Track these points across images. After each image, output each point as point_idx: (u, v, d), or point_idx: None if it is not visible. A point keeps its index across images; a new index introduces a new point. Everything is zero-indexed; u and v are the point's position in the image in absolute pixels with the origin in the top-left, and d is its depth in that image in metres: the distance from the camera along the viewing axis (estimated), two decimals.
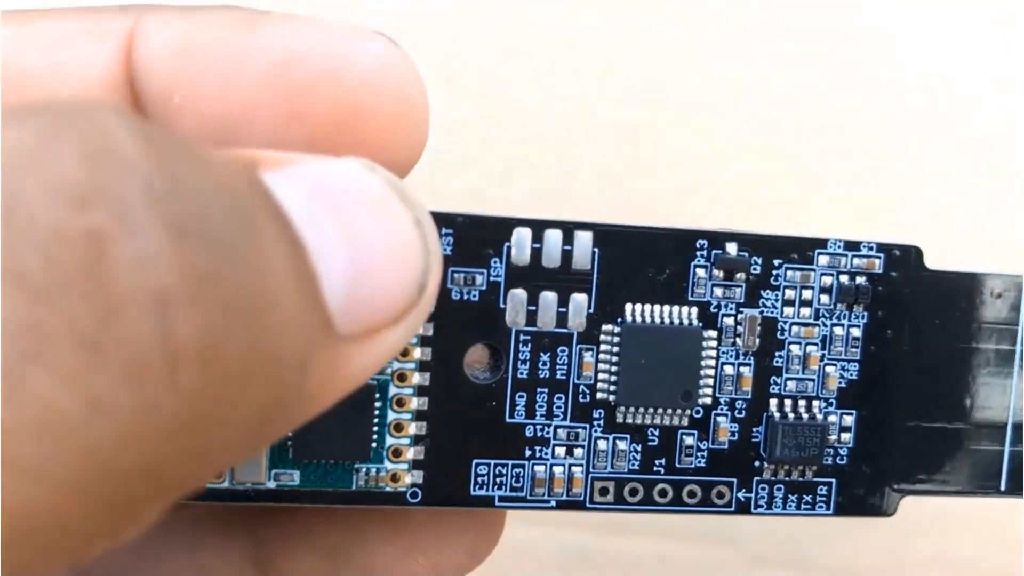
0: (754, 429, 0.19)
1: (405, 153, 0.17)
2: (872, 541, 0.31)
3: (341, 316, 0.13)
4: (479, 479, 0.18)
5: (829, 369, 0.19)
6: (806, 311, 0.19)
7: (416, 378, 0.18)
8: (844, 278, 0.19)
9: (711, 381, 0.19)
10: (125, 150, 0.11)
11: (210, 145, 0.13)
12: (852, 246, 0.19)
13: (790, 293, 0.19)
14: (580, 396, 0.18)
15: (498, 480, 0.18)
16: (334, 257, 0.13)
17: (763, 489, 0.19)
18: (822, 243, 0.19)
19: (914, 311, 0.19)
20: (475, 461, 0.18)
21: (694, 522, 0.30)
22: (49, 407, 0.10)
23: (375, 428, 0.18)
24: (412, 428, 0.18)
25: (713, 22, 0.31)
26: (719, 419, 0.19)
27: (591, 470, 0.18)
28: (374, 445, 0.18)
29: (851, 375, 0.19)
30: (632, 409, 0.18)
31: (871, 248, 0.19)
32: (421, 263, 0.14)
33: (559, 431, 0.18)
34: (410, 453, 0.18)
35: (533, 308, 0.18)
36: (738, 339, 0.19)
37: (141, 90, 0.16)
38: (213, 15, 0.16)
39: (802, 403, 0.19)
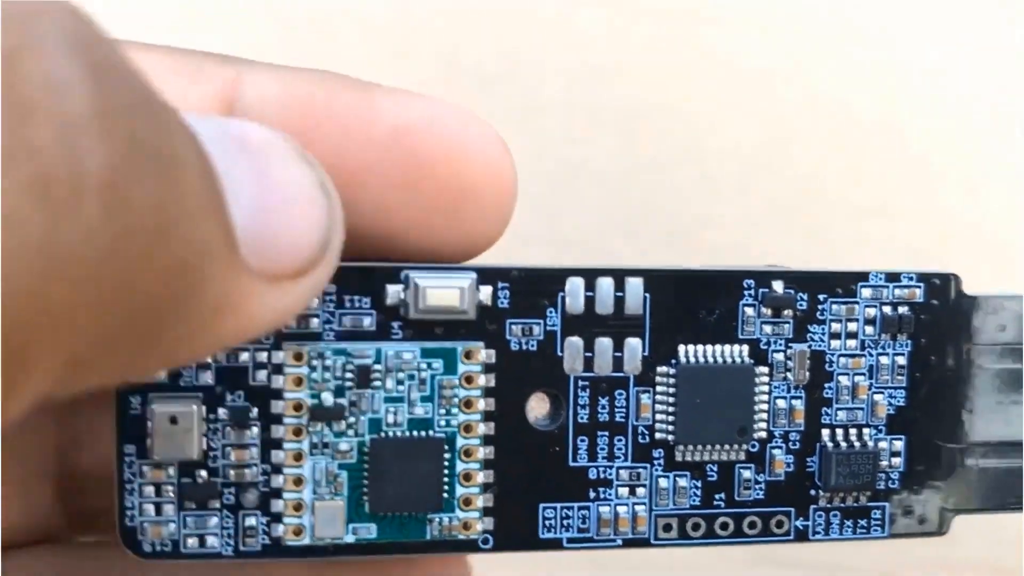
0: (808, 459, 0.19)
1: (494, 231, 0.18)
2: (872, 541, 0.32)
3: (245, 243, 0.13)
4: (547, 522, 0.19)
5: (877, 397, 0.19)
6: (852, 343, 0.19)
7: (481, 428, 0.18)
8: (887, 309, 0.19)
9: (765, 416, 0.19)
10: (61, 7, 0.11)
11: None
12: (893, 277, 0.19)
13: (836, 326, 0.19)
14: (640, 437, 0.19)
15: (565, 522, 0.19)
16: (242, 188, 0.14)
17: (820, 516, 0.20)
18: (864, 276, 0.19)
19: (955, 336, 0.20)
20: (542, 505, 0.19)
21: None
22: None
23: (445, 479, 0.18)
24: (480, 477, 0.18)
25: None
26: (774, 452, 0.19)
27: (654, 508, 0.19)
28: (445, 495, 0.18)
29: (898, 402, 0.20)
30: (690, 447, 0.19)
31: (911, 278, 0.19)
32: (324, 219, 0.15)
33: (621, 472, 0.19)
34: (480, 501, 0.18)
35: (590, 354, 0.19)
36: (788, 373, 0.19)
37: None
38: (321, 75, 0.17)
39: (853, 431, 0.19)
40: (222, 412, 0.18)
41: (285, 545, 0.18)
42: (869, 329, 0.19)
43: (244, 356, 0.18)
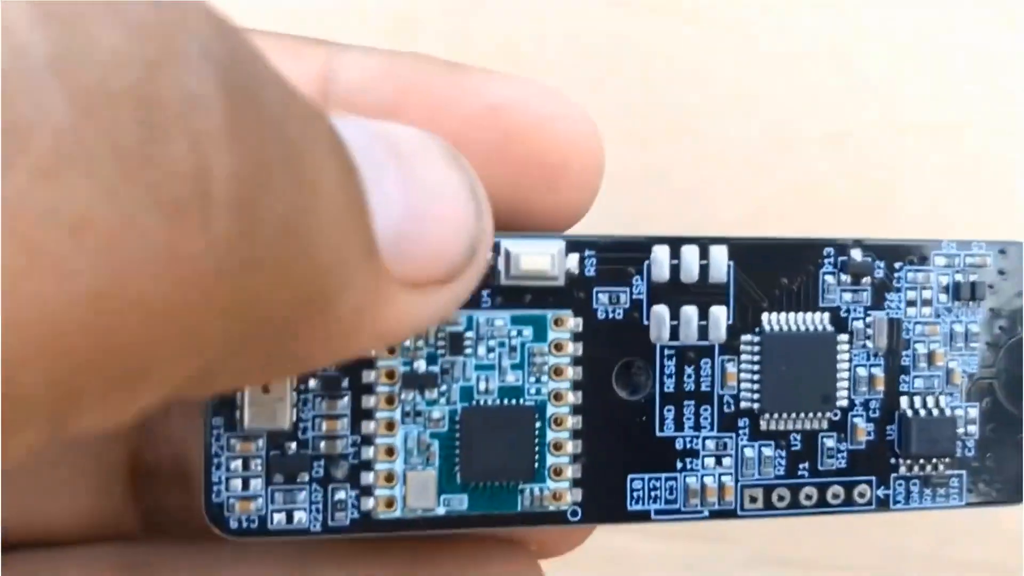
0: (888, 427, 0.19)
1: (581, 207, 0.18)
2: (872, 541, 0.32)
3: (389, 249, 0.13)
4: (635, 494, 0.19)
5: (952, 365, 0.20)
6: (927, 310, 0.20)
7: (570, 397, 0.18)
8: (959, 276, 0.20)
9: (846, 383, 0.19)
10: (200, 15, 0.11)
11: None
12: (964, 245, 0.20)
13: (912, 294, 0.19)
14: (725, 406, 0.19)
15: (653, 494, 0.19)
16: (389, 191, 0.13)
17: (900, 485, 0.20)
18: (936, 244, 0.20)
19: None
20: (630, 476, 0.19)
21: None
22: (80, 210, 0.09)
23: (536, 448, 0.18)
24: (570, 447, 0.18)
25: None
26: (856, 420, 0.19)
27: (740, 478, 0.19)
28: (537, 465, 0.18)
29: (972, 369, 0.20)
30: (775, 416, 0.19)
31: (980, 247, 0.20)
32: (473, 226, 0.14)
33: (707, 442, 0.19)
34: (569, 471, 0.18)
35: (675, 323, 0.19)
36: (868, 341, 0.19)
37: (340, 108, 0.17)
38: (414, 56, 0.17)
39: (930, 399, 0.20)
40: (312, 382, 0.17)
41: (375, 519, 0.18)
42: (943, 297, 0.20)
43: None
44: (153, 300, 0.10)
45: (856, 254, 0.19)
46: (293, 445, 0.17)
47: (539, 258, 0.18)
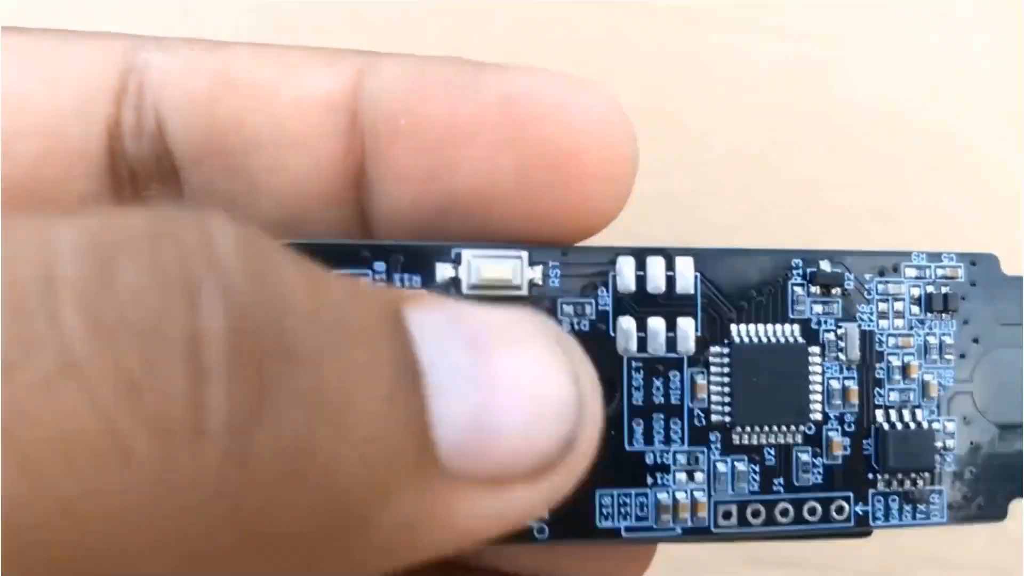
0: (864, 441, 0.19)
1: (608, 203, 0.17)
2: (872, 541, 0.31)
3: (453, 454, 0.12)
4: (604, 510, 0.18)
5: (927, 377, 0.19)
6: (900, 322, 0.19)
7: None
8: (930, 288, 0.19)
9: (819, 396, 0.19)
10: (228, 247, 0.11)
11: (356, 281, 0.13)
12: (934, 257, 0.20)
13: (883, 306, 0.19)
14: (696, 420, 0.18)
15: (623, 510, 0.18)
16: (459, 391, 0.12)
17: (879, 501, 0.19)
18: (906, 255, 0.19)
19: (996, 316, 0.20)
20: (599, 492, 0.18)
21: None
22: (70, 424, 0.10)
23: None
24: None
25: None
26: (831, 434, 0.19)
27: (713, 494, 0.18)
28: None
29: (948, 381, 0.19)
30: (748, 429, 0.19)
31: (951, 258, 0.20)
32: (571, 421, 0.13)
33: (678, 456, 0.18)
34: None
35: (642, 335, 0.18)
36: (840, 353, 0.19)
37: (364, 111, 0.18)
38: (441, 59, 0.18)
39: (907, 412, 0.19)
40: None
41: None
42: (915, 309, 0.19)
43: None
44: (137, 515, 0.10)
45: (825, 265, 0.19)
46: None
47: (501, 266, 0.18)
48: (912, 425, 0.19)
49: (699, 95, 0.33)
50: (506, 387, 0.13)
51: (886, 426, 0.19)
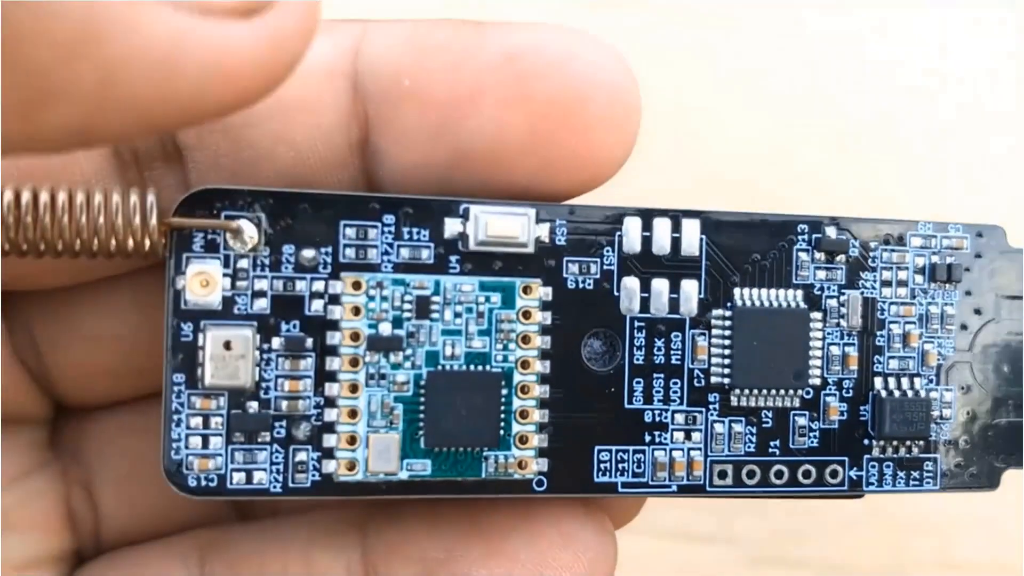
0: (861, 408, 0.19)
1: (616, 150, 0.18)
2: (872, 541, 0.31)
3: None
4: (601, 465, 0.18)
5: (927, 346, 0.19)
6: (903, 291, 0.19)
7: (538, 366, 0.18)
8: (935, 258, 0.19)
9: (819, 362, 0.19)
10: None
11: None
12: (941, 227, 0.20)
13: (887, 274, 0.19)
14: (695, 380, 0.19)
15: (620, 466, 0.18)
16: None
17: (873, 467, 0.19)
18: (912, 225, 0.19)
19: (998, 288, 0.20)
20: (597, 448, 0.18)
21: (694, 522, 0.30)
22: None
23: (502, 415, 0.18)
24: (536, 415, 0.18)
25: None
26: (828, 399, 0.19)
27: (709, 453, 0.19)
28: (502, 432, 0.18)
29: (947, 351, 0.20)
30: (746, 391, 0.19)
31: (958, 229, 0.20)
32: None
33: (676, 416, 0.19)
34: (535, 440, 0.18)
35: (646, 295, 0.19)
36: (842, 320, 0.19)
37: (365, 76, 0.18)
38: (438, 21, 0.18)
39: (905, 380, 0.19)
40: (276, 342, 0.17)
41: (336, 481, 0.17)
42: (919, 278, 0.19)
43: (300, 285, 0.17)
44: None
45: (831, 232, 0.19)
46: (255, 404, 0.17)
47: (509, 222, 0.18)
48: (909, 393, 0.19)
49: (698, 93, 0.33)
50: None
51: (884, 393, 0.19)
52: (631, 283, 0.18)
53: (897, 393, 0.19)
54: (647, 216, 0.19)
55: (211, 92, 0.13)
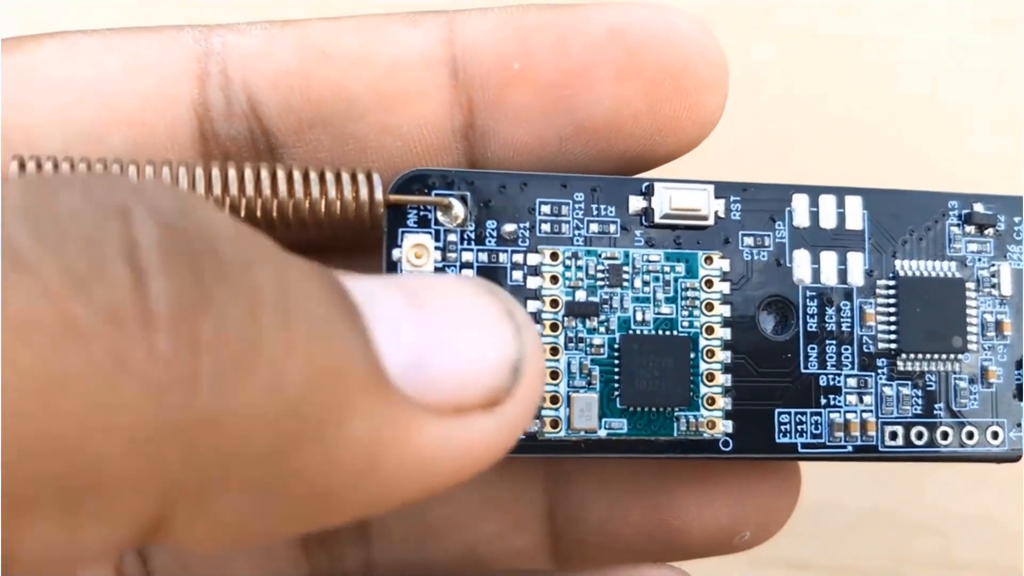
0: (1016, 372, 0.20)
1: (717, 110, 0.19)
2: (872, 541, 0.32)
3: (405, 377, 0.13)
4: (782, 427, 0.19)
5: None
6: None
7: (720, 332, 0.19)
8: None
9: (976, 329, 0.20)
10: (156, 187, 0.12)
11: None
12: None
13: None
14: (864, 346, 0.20)
15: (799, 428, 0.19)
16: (398, 324, 0.13)
17: None
18: None
19: None
20: (778, 411, 0.19)
21: None
22: (28, 310, 0.10)
23: (691, 376, 0.19)
24: (721, 379, 0.19)
25: None
26: (985, 363, 0.20)
27: (880, 415, 0.20)
28: (692, 393, 0.19)
29: None
30: (912, 356, 0.20)
31: None
32: (511, 346, 0.13)
33: (849, 380, 0.20)
34: (721, 402, 0.19)
35: (815, 266, 0.20)
36: (993, 289, 0.20)
37: (466, 64, 0.19)
38: (526, 7, 0.19)
39: None
40: None
41: (542, 439, 0.18)
42: None
43: (502, 257, 0.19)
44: (95, 402, 0.10)
45: (979, 207, 0.20)
46: None
47: (693, 195, 0.19)
48: None
49: None
50: (448, 325, 0.13)
51: None
52: (801, 256, 0.20)
53: None
54: (814, 193, 0.20)
55: (449, 483, 0.13)
